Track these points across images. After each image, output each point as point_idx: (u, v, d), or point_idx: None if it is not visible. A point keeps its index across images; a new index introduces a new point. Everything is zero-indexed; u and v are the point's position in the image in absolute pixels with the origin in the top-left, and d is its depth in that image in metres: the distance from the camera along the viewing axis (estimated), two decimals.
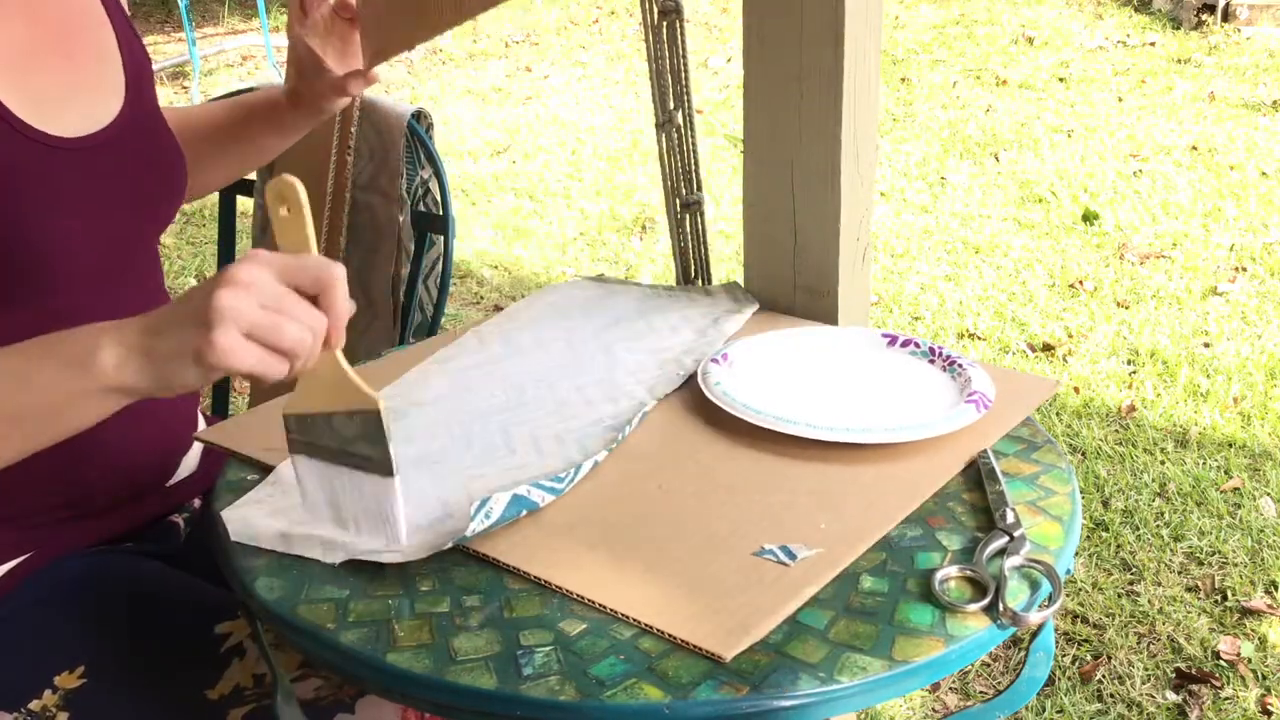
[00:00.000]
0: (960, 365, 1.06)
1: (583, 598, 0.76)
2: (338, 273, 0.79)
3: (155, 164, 1.13)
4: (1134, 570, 2.12)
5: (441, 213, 1.51)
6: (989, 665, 1.94)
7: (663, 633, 0.72)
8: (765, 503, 0.87)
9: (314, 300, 0.79)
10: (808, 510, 0.86)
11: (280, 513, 0.88)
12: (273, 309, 0.77)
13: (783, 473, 0.91)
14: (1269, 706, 1.79)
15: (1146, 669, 1.88)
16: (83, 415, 0.85)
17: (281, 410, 0.85)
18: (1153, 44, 5.63)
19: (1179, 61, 5.38)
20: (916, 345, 1.11)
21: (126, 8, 1.17)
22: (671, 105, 1.22)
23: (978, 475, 0.91)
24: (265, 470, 0.95)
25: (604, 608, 0.75)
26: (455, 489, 0.89)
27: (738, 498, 0.88)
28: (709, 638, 0.71)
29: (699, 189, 1.26)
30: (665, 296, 1.28)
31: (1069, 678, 1.87)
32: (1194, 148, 4.32)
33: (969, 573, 0.79)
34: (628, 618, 0.74)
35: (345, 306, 0.80)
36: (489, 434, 0.98)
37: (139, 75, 1.14)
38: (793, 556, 0.79)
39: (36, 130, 0.99)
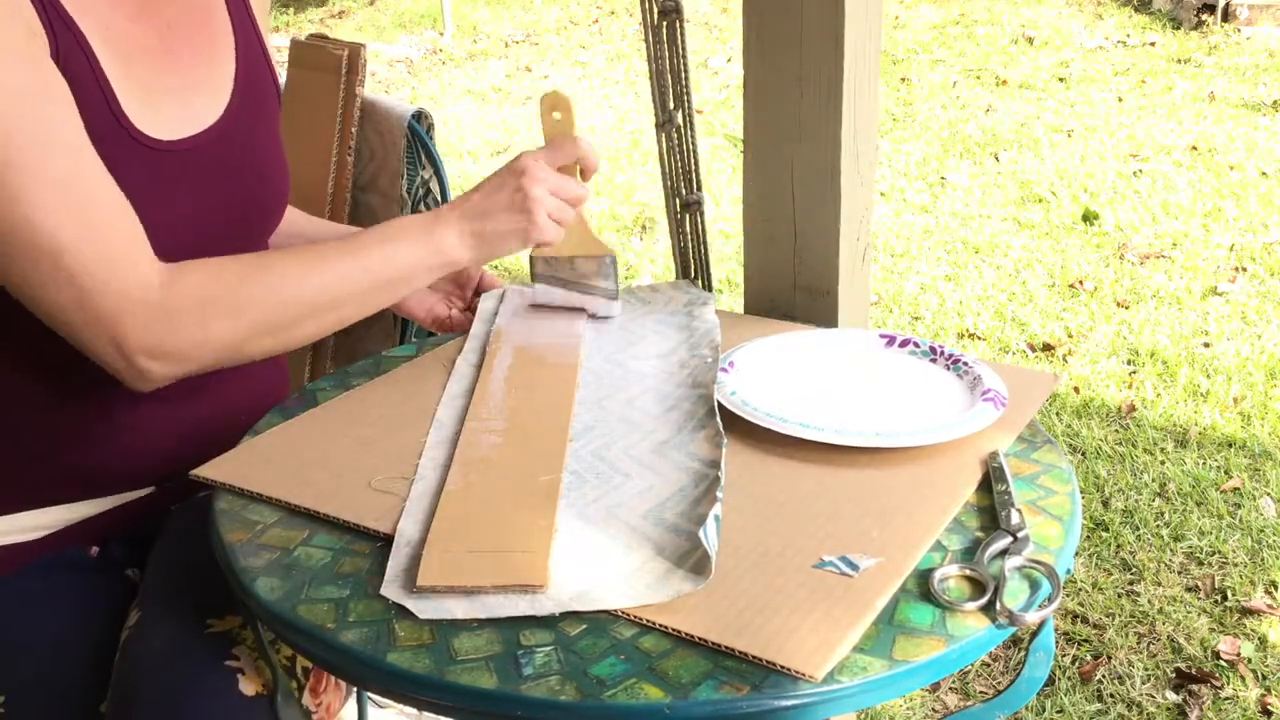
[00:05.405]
0: (965, 363, 1.06)
1: (655, 624, 0.74)
2: (585, 148, 1.10)
3: (249, 173, 1.12)
4: (1134, 570, 2.13)
5: None
6: (989, 665, 1.94)
7: (745, 655, 0.71)
8: (809, 514, 0.85)
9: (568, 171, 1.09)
10: (855, 519, 0.85)
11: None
12: (556, 192, 1.07)
13: (818, 481, 0.90)
14: (1269, 706, 1.79)
15: (1146, 669, 1.88)
16: (419, 283, 1.07)
17: (529, 254, 1.15)
18: (1153, 44, 5.63)
19: (1179, 61, 5.38)
20: (916, 345, 1.11)
21: (262, 18, 1.16)
22: (671, 105, 1.22)
23: (980, 475, 0.91)
24: (263, 499, 0.90)
25: (679, 632, 0.73)
26: (622, 528, 0.84)
27: (783, 511, 0.86)
28: (794, 657, 0.70)
29: (699, 189, 1.26)
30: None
31: (1069, 678, 1.87)
32: (1194, 148, 4.32)
33: (969, 572, 0.79)
34: (706, 641, 0.72)
35: (594, 169, 1.12)
36: (586, 462, 0.93)
37: (251, 83, 1.12)
38: (855, 567, 0.78)
39: (139, 131, 1.00)
